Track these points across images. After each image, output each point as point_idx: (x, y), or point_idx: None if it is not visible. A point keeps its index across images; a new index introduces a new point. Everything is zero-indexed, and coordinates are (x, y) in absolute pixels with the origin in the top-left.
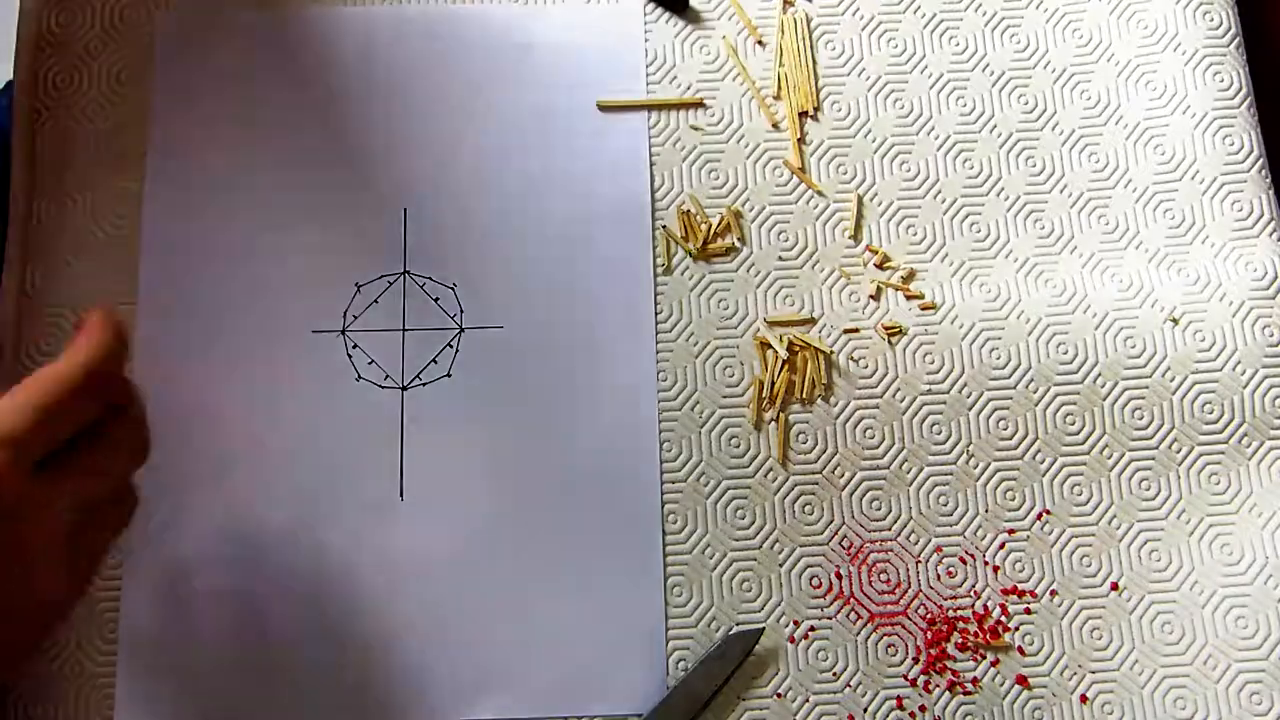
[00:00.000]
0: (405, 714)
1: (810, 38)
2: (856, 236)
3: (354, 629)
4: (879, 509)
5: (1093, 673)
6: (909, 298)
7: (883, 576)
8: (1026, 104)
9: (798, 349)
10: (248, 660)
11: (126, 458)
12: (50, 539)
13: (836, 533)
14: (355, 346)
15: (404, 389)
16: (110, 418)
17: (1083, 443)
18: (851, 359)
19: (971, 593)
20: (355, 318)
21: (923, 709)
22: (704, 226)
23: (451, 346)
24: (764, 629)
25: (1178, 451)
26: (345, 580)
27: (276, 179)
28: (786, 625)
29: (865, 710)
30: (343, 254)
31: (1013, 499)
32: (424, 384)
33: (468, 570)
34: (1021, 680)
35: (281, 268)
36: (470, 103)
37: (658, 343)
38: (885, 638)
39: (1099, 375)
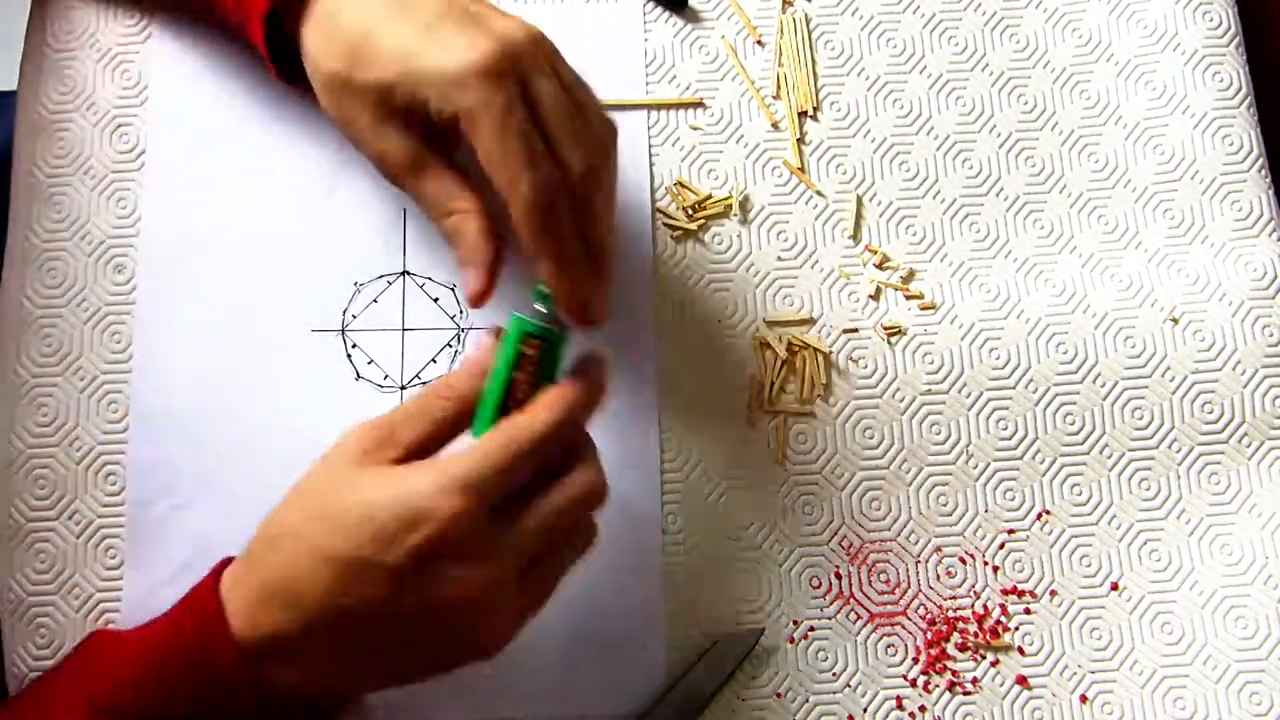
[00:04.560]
0: (405, 714)
1: (810, 38)
2: (856, 236)
3: None
4: (879, 509)
5: (1093, 673)
6: (909, 298)
7: (882, 576)
8: (1026, 104)
9: (797, 349)
10: None
11: (582, 502)
12: (502, 580)
13: (836, 533)
14: (355, 346)
15: (403, 389)
16: (568, 463)
17: (1083, 443)
18: (851, 359)
19: (971, 593)
20: (355, 317)
21: (923, 709)
22: (695, 198)
23: (451, 347)
24: (764, 629)
25: (1178, 451)
26: None
27: (276, 179)
28: (786, 625)
29: (865, 710)
30: (342, 253)
31: (1013, 499)
32: (424, 384)
33: None
34: (1021, 680)
35: (281, 267)
36: None
37: (658, 343)
38: (885, 638)
39: (1099, 375)
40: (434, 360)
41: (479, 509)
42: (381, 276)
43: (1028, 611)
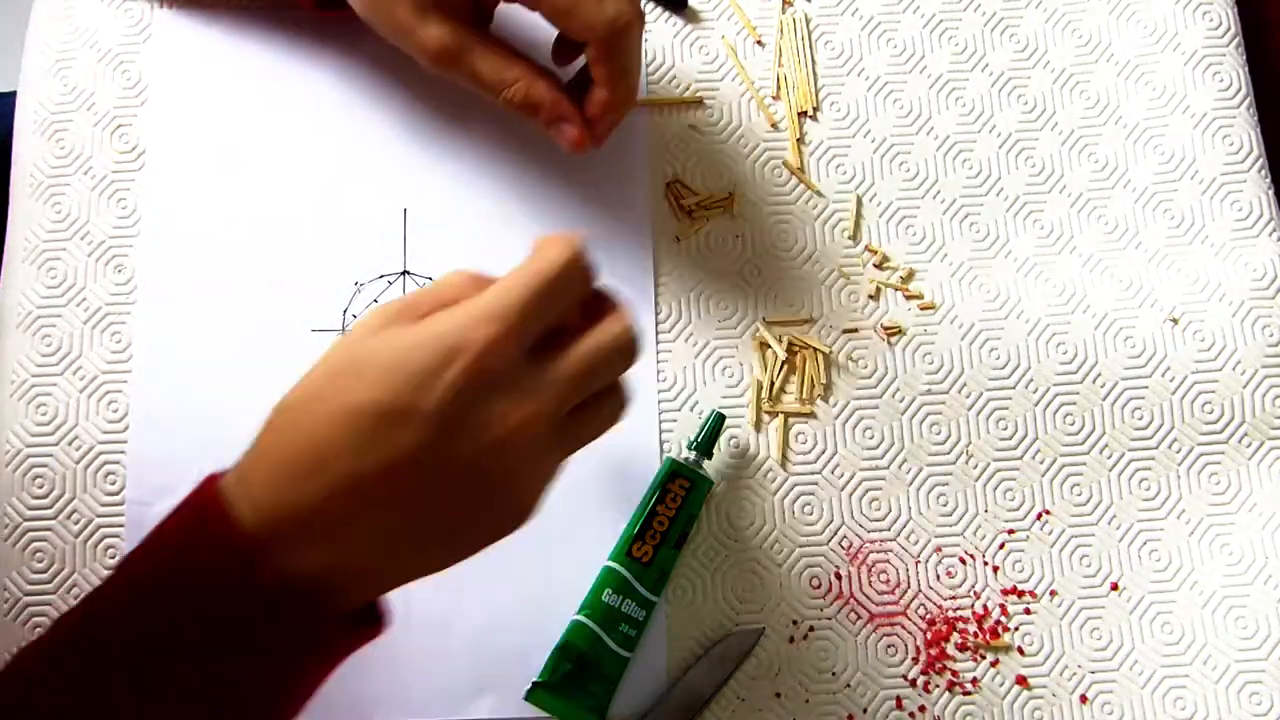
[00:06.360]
0: (406, 712)
1: (810, 38)
2: (856, 236)
3: None
4: (879, 509)
5: (1093, 673)
6: (908, 298)
7: (882, 576)
8: (1026, 104)
9: (797, 349)
10: None
11: (613, 357)
12: (541, 417)
13: (836, 533)
14: None
15: None
16: (594, 323)
17: (1083, 443)
18: (851, 359)
19: (971, 593)
20: (355, 317)
21: (922, 709)
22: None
23: None
24: (764, 629)
25: (1178, 451)
26: None
27: (276, 178)
28: (786, 625)
29: (865, 710)
30: (342, 253)
31: (1013, 499)
32: None
33: (468, 570)
34: (1021, 680)
35: (281, 267)
36: (470, 103)
37: (658, 343)
38: (885, 638)
39: (1099, 375)
40: None
41: (513, 337)
42: (382, 276)
43: (1028, 611)
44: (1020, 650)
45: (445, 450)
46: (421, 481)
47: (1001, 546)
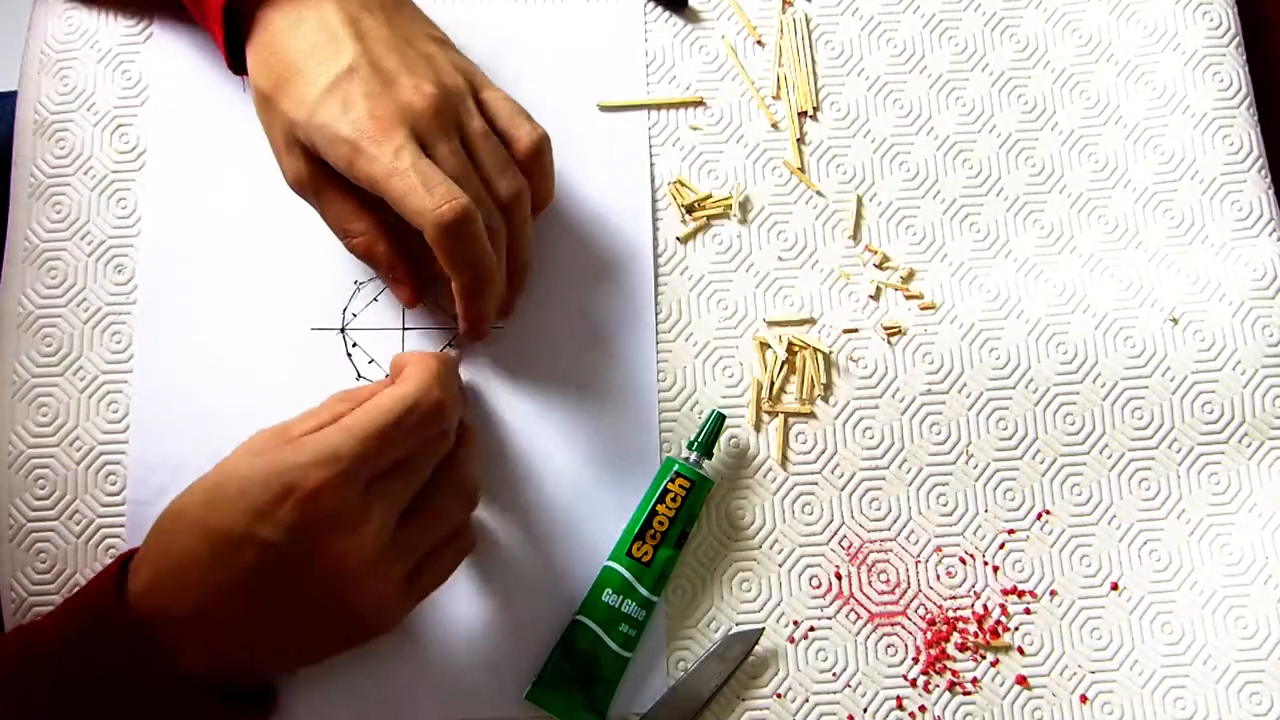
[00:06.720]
0: (405, 711)
1: (810, 38)
2: (856, 236)
3: None
4: (879, 509)
5: (1093, 673)
6: (909, 298)
7: (882, 576)
8: (1026, 104)
9: (797, 349)
10: None
11: (455, 500)
12: (373, 549)
13: (836, 533)
14: (355, 345)
15: None
16: (441, 461)
17: (1083, 443)
18: (851, 359)
19: (971, 593)
20: (355, 316)
21: (923, 709)
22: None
23: (452, 345)
24: (764, 629)
25: (1178, 451)
26: None
27: (276, 178)
28: (786, 625)
29: (865, 710)
30: (342, 252)
31: (1013, 499)
32: None
33: (468, 571)
34: (1021, 680)
35: (281, 267)
36: None
37: (658, 343)
38: (885, 638)
39: (1099, 375)
40: None
41: (346, 480)
42: None
43: (1028, 611)
44: (1020, 650)
45: (283, 571)
46: (266, 594)
47: (1001, 546)
